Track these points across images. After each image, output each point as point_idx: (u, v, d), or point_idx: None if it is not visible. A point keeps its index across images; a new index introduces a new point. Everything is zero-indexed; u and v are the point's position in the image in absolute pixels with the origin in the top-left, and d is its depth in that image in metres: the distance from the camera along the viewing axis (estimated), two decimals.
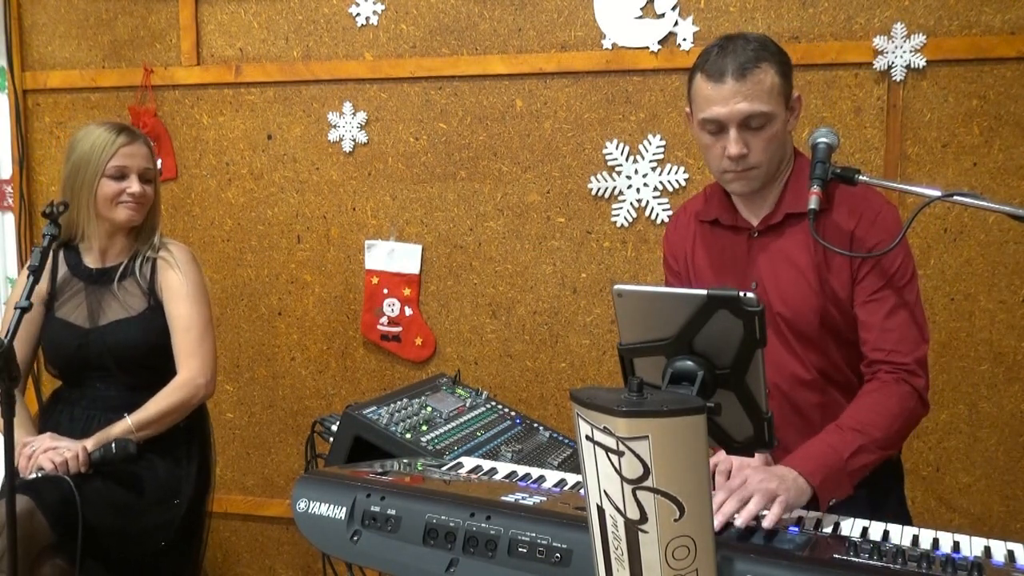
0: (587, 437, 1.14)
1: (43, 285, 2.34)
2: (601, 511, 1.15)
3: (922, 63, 2.56)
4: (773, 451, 1.76)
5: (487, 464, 1.80)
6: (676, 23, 2.72)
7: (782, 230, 1.81)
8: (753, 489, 1.47)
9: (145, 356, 2.32)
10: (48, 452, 2.15)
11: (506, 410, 2.26)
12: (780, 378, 1.80)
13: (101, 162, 2.28)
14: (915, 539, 1.43)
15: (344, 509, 1.51)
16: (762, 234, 1.83)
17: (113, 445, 2.17)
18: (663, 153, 2.77)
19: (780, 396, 1.81)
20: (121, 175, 2.30)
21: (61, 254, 2.39)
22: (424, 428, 1.99)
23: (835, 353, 1.80)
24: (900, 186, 1.71)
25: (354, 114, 2.99)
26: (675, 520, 1.11)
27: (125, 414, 2.23)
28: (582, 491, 1.37)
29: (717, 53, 1.72)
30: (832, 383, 1.80)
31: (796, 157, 1.85)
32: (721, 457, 1.64)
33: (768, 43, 1.74)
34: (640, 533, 1.12)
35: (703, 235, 1.91)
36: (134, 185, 2.30)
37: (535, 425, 2.22)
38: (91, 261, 2.38)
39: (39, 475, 2.12)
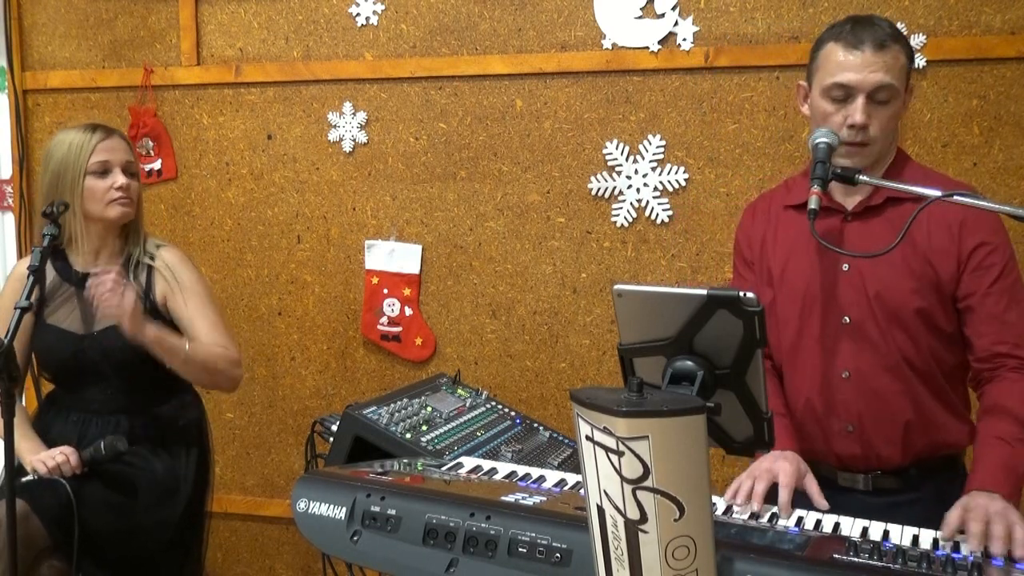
0: (587, 437, 1.14)
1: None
2: (601, 511, 1.15)
3: (922, 63, 2.56)
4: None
5: (487, 464, 1.80)
6: (676, 23, 2.72)
7: (880, 213, 1.80)
8: (993, 513, 1.46)
9: (142, 361, 2.30)
10: (41, 455, 2.16)
11: (506, 410, 2.26)
12: (863, 362, 1.79)
13: (81, 161, 2.24)
14: (915, 539, 1.44)
15: (344, 509, 1.51)
16: (856, 216, 1.81)
17: (103, 444, 2.17)
18: (663, 153, 2.77)
19: (860, 381, 1.79)
20: (104, 170, 2.27)
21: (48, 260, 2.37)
22: (424, 428, 1.99)
23: (923, 340, 1.78)
24: (900, 186, 1.70)
25: (354, 114, 2.99)
26: (675, 520, 1.11)
27: (186, 344, 2.24)
28: (582, 491, 1.37)
29: (853, 27, 1.76)
30: (915, 370, 1.78)
31: (897, 149, 1.87)
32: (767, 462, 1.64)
33: (898, 30, 1.79)
34: (640, 533, 1.12)
35: (786, 221, 1.90)
36: (119, 178, 2.27)
37: (535, 425, 2.22)
38: (80, 265, 2.33)
39: (34, 477, 2.14)
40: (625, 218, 2.81)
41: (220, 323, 2.35)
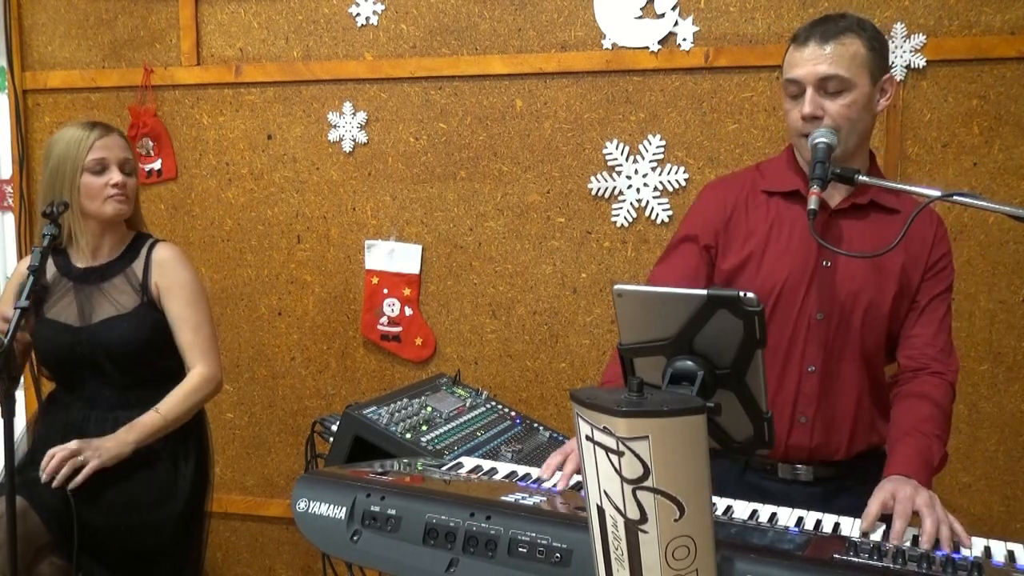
0: (587, 437, 1.14)
1: None
2: (601, 511, 1.15)
3: (922, 63, 2.56)
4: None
5: (487, 464, 1.80)
6: (676, 23, 2.72)
7: (866, 214, 1.83)
8: (921, 505, 1.49)
9: (139, 353, 2.32)
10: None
11: (506, 410, 2.26)
12: (830, 358, 1.82)
13: (79, 158, 2.28)
14: (915, 539, 1.44)
15: (344, 509, 1.50)
16: (840, 214, 1.83)
17: None
18: (663, 153, 2.77)
19: (824, 375, 1.82)
20: (101, 168, 2.29)
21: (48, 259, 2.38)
22: (424, 428, 1.99)
23: (883, 340, 1.84)
24: (900, 186, 1.70)
25: (354, 114, 2.99)
26: (675, 520, 1.11)
27: (156, 410, 2.27)
28: (582, 491, 1.37)
29: (810, 25, 1.80)
30: (870, 369, 1.84)
31: (871, 157, 1.88)
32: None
33: (865, 23, 1.80)
34: (640, 533, 1.12)
35: (764, 206, 1.89)
36: (116, 176, 2.30)
37: (535, 425, 2.22)
38: (80, 261, 2.37)
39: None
40: (625, 218, 2.81)
41: (204, 328, 2.38)
